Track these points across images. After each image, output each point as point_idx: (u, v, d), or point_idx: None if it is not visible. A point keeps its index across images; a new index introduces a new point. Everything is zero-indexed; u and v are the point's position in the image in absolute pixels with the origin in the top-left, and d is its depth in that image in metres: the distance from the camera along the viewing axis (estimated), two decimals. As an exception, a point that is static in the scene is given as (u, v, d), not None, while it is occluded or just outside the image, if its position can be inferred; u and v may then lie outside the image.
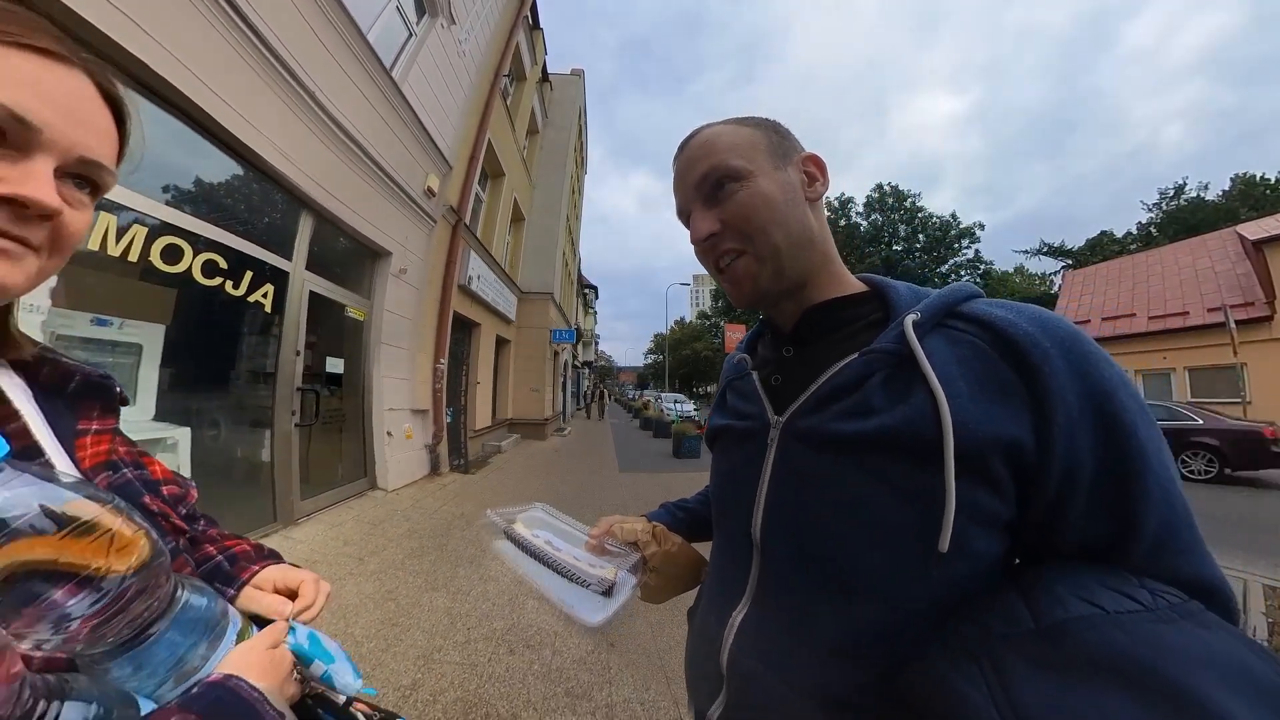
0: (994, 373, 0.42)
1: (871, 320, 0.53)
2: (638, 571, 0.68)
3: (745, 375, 0.64)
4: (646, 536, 0.70)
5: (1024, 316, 0.44)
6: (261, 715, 0.36)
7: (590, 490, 6.09)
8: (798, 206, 0.52)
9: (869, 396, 0.46)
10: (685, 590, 0.74)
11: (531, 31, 11.19)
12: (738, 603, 0.55)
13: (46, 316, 2.03)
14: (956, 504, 0.40)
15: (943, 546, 0.40)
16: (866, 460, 0.45)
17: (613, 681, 2.05)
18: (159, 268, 2.53)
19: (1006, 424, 0.40)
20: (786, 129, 0.57)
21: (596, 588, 0.66)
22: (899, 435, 0.43)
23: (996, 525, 0.42)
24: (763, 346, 0.67)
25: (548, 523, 0.80)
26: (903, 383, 0.45)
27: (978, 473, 0.40)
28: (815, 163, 0.55)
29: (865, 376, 0.48)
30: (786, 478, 0.52)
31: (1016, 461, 0.40)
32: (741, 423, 0.60)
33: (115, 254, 2.28)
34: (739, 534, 0.56)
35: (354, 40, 4.08)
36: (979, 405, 0.41)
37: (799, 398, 0.53)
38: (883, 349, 0.47)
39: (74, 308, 2.21)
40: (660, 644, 2.40)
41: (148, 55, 2.34)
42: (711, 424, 0.69)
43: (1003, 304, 0.47)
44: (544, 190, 14.19)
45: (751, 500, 0.55)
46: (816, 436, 0.49)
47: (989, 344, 0.43)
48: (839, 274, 0.57)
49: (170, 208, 2.63)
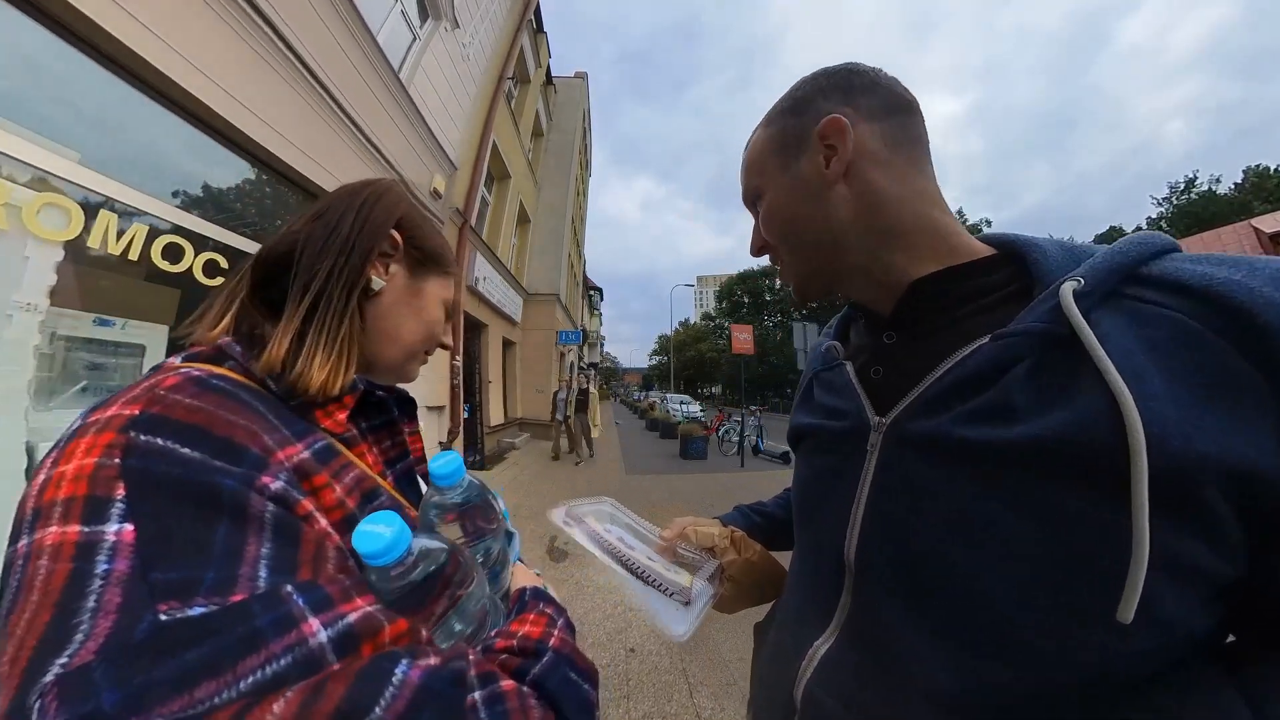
0: (1212, 363, 0.30)
1: (1007, 293, 0.42)
2: (716, 581, 0.62)
3: (836, 366, 0.55)
4: (725, 543, 0.64)
5: (1260, 275, 0.30)
6: (559, 602, 0.49)
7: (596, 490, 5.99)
8: (813, 200, 0.46)
9: (1009, 394, 0.36)
10: (762, 603, 0.67)
11: (535, 35, 11.22)
12: (821, 631, 0.48)
13: (45, 316, 1.98)
14: (1150, 554, 0.28)
15: (1124, 616, 0.29)
16: (1006, 479, 0.35)
17: (630, 696, 1.96)
18: (160, 267, 2.48)
19: (1232, 439, 0.28)
20: (808, 95, 0.48)
21: (679, 596, 0.59)
22: (1057, 449, 0.32)
23: (1208, 586, 0.31)
24: (856, 332, 0.58)
25: (618, 518, 0.75)
26: (1060, 375, 0.34)
27: (1183, 509, 0.29)
28: (832, 128, 0.45)
29: (1002, 367, 0.37)
30: (892, 492, 0.43)
31: (1246, 495, 0.28)
32: (833, 423, 0.51)
33: (115, 253, 2.23)
34: (827, 552, 0.48)
35: (365, 42, 4.08)
36: (1185, 410, 0.29)
37: (908, 394, 0.44)
38: (1026, 329, 0.36)
39: (76, 308, 2.16)
40: (684, 646, 2.31)
41: (170, 68, 2.35)
42: (795, 423, 0.60)
43: (1217, 259, 0.33)
44: (549, 192, 14.22)
45: (845, 515, 0.46)
46: (934, 444, 0.40)
47: (1203, 321, 0.31)
48: (946, 238, 0.45)
49: (164, 203, 2.58)
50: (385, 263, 0.48)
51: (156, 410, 0.29)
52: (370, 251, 0.45)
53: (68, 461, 0.27)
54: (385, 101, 4.54)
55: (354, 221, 0.45)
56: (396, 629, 0.29)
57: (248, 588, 0.26)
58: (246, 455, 0.30)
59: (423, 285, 0.52)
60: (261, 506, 0.29)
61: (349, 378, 0.43)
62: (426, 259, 0.52)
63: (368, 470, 0.43)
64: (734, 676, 2.11)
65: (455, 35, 6.15)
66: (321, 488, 0.35)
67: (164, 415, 0.29)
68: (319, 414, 0.41)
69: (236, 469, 0.29)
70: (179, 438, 0.28)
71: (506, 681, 0.31)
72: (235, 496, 0.28)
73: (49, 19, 1.96)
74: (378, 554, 0.33)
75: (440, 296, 0.54)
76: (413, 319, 0.50)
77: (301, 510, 0.32)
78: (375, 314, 0.47)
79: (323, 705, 0.23)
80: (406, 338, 0.50)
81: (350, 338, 0.43)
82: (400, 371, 0.53)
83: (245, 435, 0.31)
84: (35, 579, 0.24)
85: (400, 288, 0.49)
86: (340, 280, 0.43)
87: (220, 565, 0.26)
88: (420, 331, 0.52)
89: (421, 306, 0.51)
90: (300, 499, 0.32)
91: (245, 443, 0.31)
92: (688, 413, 16.98)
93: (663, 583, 0.60)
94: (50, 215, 1.94)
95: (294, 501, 0.32)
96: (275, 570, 0.27)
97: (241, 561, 0.26)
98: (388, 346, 0.49)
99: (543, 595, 0.48)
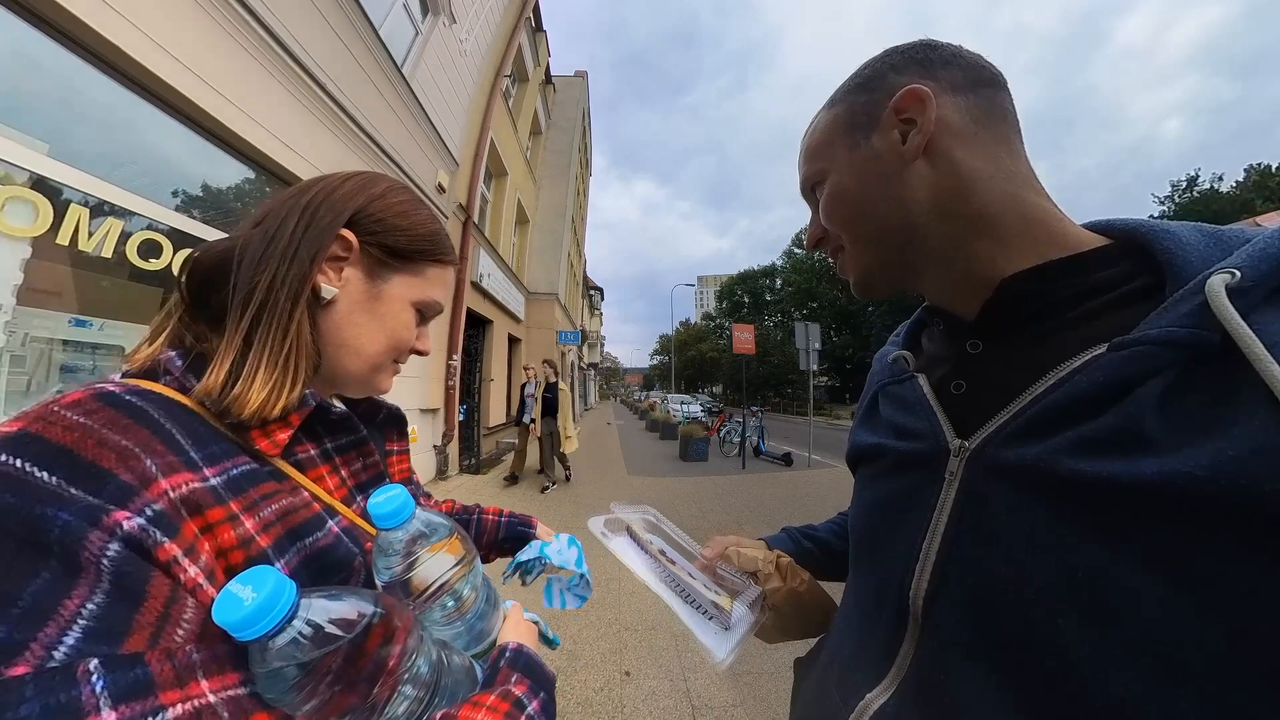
0: None
1: (1128, 290, 0.35)
2: (757, 608, 0.58)
3: (907, 379, 0.49)
4: (769, 568, 0.59)
5: None
6: (545, 670, 0.43)
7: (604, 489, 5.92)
8: (886, 181, 0.41)
9: (1137, 418, 0.29)
10: (807, 637, 0.62)
11: (534, 33, 11.16)
12: (875, 683, 0.42)
13: (11, 316, 1.88)
14: None
15: None
16: (1137, 527, 0.28)
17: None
18: (137, 265, 2.38)
19: None
20: (879, 71, 0.43)
21: (719, 620, 0.55)
22: (1209, 493, 0.25)
23: None
24: (929, 340, 0.51)
25: (658, 529, 0.71)
26: (1211, 396, 0.27)
27: None
28: (910, 99, 0.40)
29: (1127, 384, 0.30)
30: (974, 531, 0.36)
31: None
32: (903, 444, 0.45)
33: (88, 249, 2.13)
34: (888, 593, 0.42)
35: (368, 36, 4.02)
36: None
37: (999, 413, 0.37)
38: (1160, 337, 0.29)
39: (48, 308, 2.06)
40: (685, 661, 2.21)
41: (157, 65, 2.28)
42: (855, 442, 0.54)
43: None
44: (549, 191, 14.17)
45: (913, 553, 0.40)
46: (1035, 475, 0.33)
47: None
48: (1046, 225, 0.39)
49: (142, 198, 2.49)
50: (337, 267, 0.43)
51: (35, 429, 0.27)
52: (315, 256, 0.41)
53: None
54: (389, 96, 4.49)
55: (296, 225, 0.41)
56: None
57: (37, 658, 0.21)
58: (110, 483, 0.27)
59: (383, 288, 0.46)
60: (98, 550, 0.24)
61: (293, 397, 0.39)
62: (393, 256, 0.46)
63: (319, 497, 0.40)
64: (743, 697, 2.01)
65: (453, 30, 6.11)
66: (218, 523, 0.31)
67: (38, 435, 0.27)
68: (255, 434, 0.38)
69: (88, 499, 0.26)
70: (39, 460, 0.26)
71: None
72: (67, 535, 0.24)
73: (18, 6, 1.86)
74: (237, 626, 0.26)
75: (411, 297, 0.48)
76: (373, 326, 0.45)
77: (162, 555, 0.27)
78: (330, 324, 0.43)
79: None
80: (368, 348, 0.45)
81: (297, 352, 0.39)
82: (367, 384, 0.48)
83: (118, 460, 0.28)
84: None
85: (357, 293, 0.45)
86: (283, 290, 0.39)
87: (18, 622, 0.21)
88: (383, 340, 0.46)
89: (384, 312, 0.46)
90: (163, 541, 0.27)
91: (114, 469, 0.27)
92: (689, 413, 16.87)
93: (703, 604, 0.57)
94: (15, 210, 1.84)
95: (153, 544, 0.27)
96: (91, 636, 0.23)
97: (48, 619, 0.22)
98: (348, 358, 0.45)
99: (521, 661, 0.41)
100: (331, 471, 0.44)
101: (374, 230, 0.45)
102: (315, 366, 0.42)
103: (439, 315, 0.53)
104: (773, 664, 2.20)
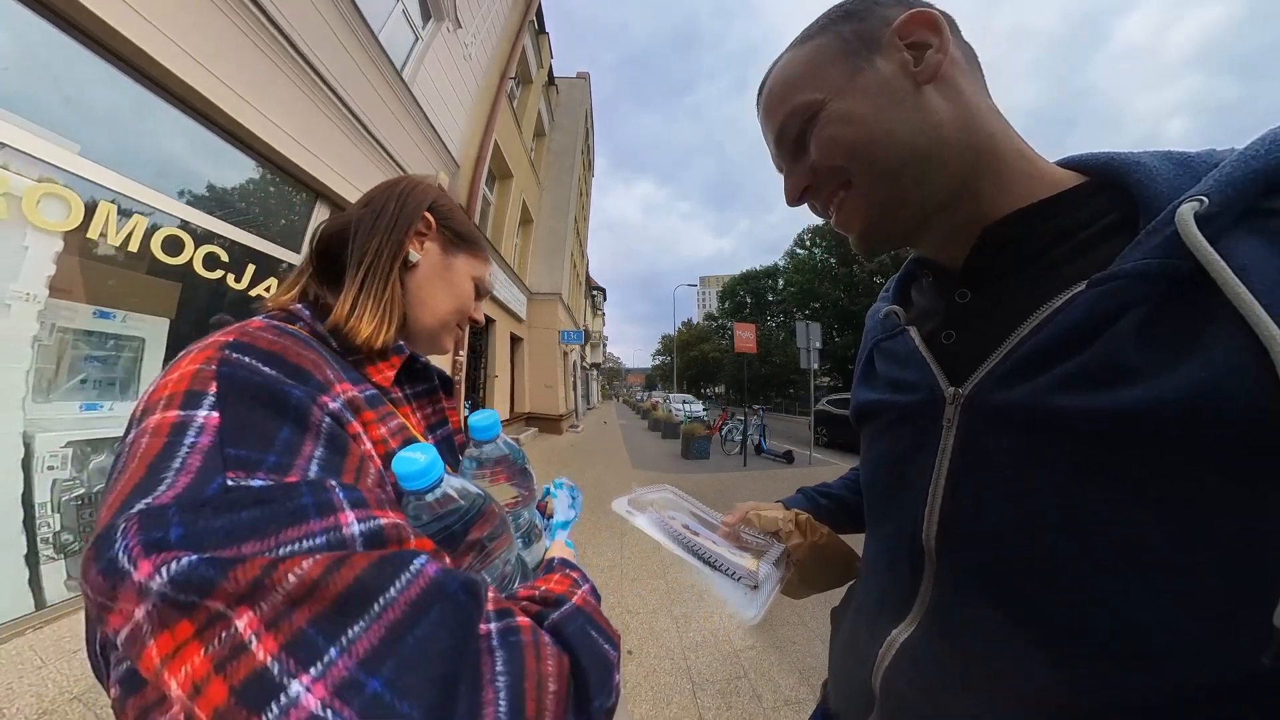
0: None
1: (1103, 226, 0.35)
2: (782, 565, 0.61)
3: (899, 333, 0.49)
4: (789, 526, 0.62)
5: None
6: (583, 570, 0.49)
7: (608, 486, 5.98)
8: (901, 103, 0.38)
9: (1117, 350, 0.30)
10: (834, 588, 0.64)
11: (537, 35, 11.23)
12: (900, 620, 0.44)
13: (44, 307, 1.97)
14: None
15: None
16: (1121, 457, 0.29)
17: (628, 699, 1.87)
18: (161, 260, 2.48)
19: None
20: (866, 3, 0.41)
21: (746, 580, 0.58)
22: (1188, 415, 0.26)
23: None
24: (919, 293, 0.52)
25: (679, 505, 0.75)
26: (1185, 323, 0.28)
27: None
28: (919, 22, 0.38)
29: (1107, 318, 0.31)
30: (974, 473, 0.38)
31: None
32: (901, 397, 0.46)
33: (115, 244, 2.22)
34: (903, 539, 0.44)
35: (368, 41, 4.11)
36: None
37: (988, 359, 0.38)
38: (1135, 269, 0.30)
39: (75, 299, 2.15)
40: (686, 641, 2.27)
41: (177, 65, 2.35)
42: (857, 400, 0.55)
43: None
44: (551, 192, 14.23)
45: (920, 499, 0.42)
46: (1025, 415, 0.34)
47: None
48: (1026, 167, 0.39)
49: (166, 197, 2.58)
50: (421, 240, 0.55)
51: (246, 339, 0.36)
52: (408, 229, 0.53)
53: (174, 372, 0.33)
54: (389, 100, 4.57)
55: (395, 206, 0.54)
56: (422, 544, 0.31)
57: (300, 474, 0.30)
58: (312, 380, 0.37)
59: (454, 261, 0.59)
60: (319, 418, 0.34)
61: (390, 334, 0.49)
62: (458, 239, 0.59)
63: (409, 427, 0.48)
64: (743, 669, 2.08)
65: (458, 35, 6.18)
66: (369, 423, 0.41)
67: (251, 343, 0.36)
68: (370, 369, 0.48)
69: (304, 387, 0.35)
70: (261, 359, 0.35)
71: (523, 618, 0.32)
72: (300, 405, 0.34)
73: (49, 10, 1.95)
74: (413, 476, 0.36)
75: (470, 273, 0.61)
76: (445, 290, 0.58)
77: (351, 430, 0.37)
78: (413, 284, 0.55)
79: (343, 573, 0.26)
80: (440, 306, 0.57)
81: (393, 300, 0.50)
82: (434, 340, 0.59)
83: (312, 366, 0.38)
84: (138, 449, 0.29)
85: (434, 262, 0.57)
86: (385, 252, 0.51)
87: (281, 453, 0.30)
88: (451, 302, 0.58)
89: (452, 280, 0.58)
90: (350, 420, 0.38)
91: (311, 371, 0.37)
92: (691, 412, 16.91)
93: (730, 567, 0.59)
94: (50, 206, 1.94)
95: (346, 421, 0.37)
96: (323, 468, 0.31)
97: (298, 455, 0.31)
98: (423, 313, 0.56)
99: (570, 564, 0.51)
100: (411, 413, 0.54)
101: (445, 217, 0.58)
102: (402, 322, 0.53)
103: (486, 297, 0.65)
104: (773, 640, 2.28)
